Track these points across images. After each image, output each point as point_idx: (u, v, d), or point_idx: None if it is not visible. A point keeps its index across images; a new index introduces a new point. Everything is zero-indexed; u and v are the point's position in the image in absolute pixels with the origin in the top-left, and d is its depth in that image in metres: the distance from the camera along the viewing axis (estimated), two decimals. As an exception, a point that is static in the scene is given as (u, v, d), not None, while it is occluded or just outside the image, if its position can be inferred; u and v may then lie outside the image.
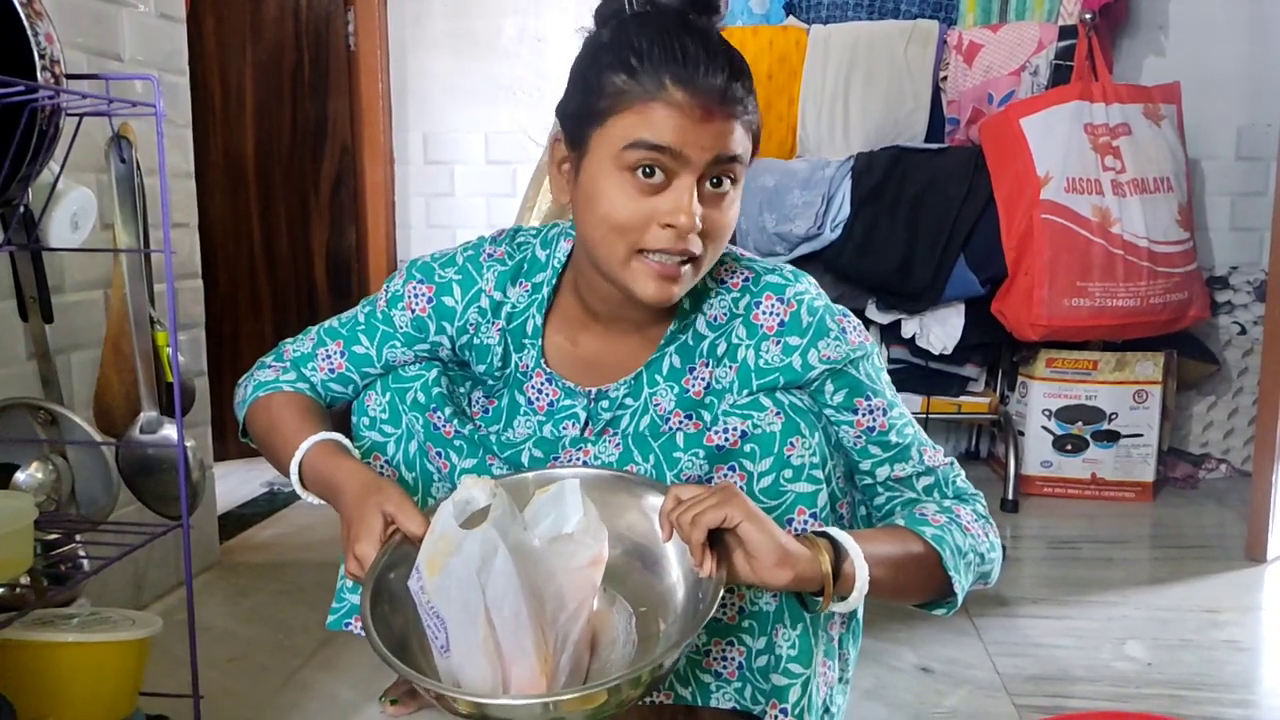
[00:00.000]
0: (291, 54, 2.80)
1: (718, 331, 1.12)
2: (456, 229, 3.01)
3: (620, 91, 0.97)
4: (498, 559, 0.87)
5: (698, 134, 0.95)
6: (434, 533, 0.91)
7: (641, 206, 0.97)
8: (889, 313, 2.53)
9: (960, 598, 1.08)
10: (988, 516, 1.13)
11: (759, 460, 1.06)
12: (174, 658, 1.28)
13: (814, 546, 0.96)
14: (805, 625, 1.09)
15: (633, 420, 1.15)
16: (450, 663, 0.91)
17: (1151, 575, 1.97)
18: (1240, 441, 2.75)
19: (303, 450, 1.12)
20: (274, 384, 1.21)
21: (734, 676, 1.11)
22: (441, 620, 0.89)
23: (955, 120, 2.62)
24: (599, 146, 0.99)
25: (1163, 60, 2.68)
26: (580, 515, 0.94)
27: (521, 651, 0.89)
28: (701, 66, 0.95)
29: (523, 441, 1.17)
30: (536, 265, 1.17)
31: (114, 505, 1.30)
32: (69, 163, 1.17)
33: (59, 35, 1.06)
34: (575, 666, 0.94)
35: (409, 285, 1.18)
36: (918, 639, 1.62)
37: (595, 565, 0.93)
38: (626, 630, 0.99)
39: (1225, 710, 1.39)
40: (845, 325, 1.10)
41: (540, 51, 2.91)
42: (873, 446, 1.11)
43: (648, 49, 0.96)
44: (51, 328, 1.34)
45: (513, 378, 1.19)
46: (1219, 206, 2.71)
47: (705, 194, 0.99)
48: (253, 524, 2.24)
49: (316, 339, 1.24)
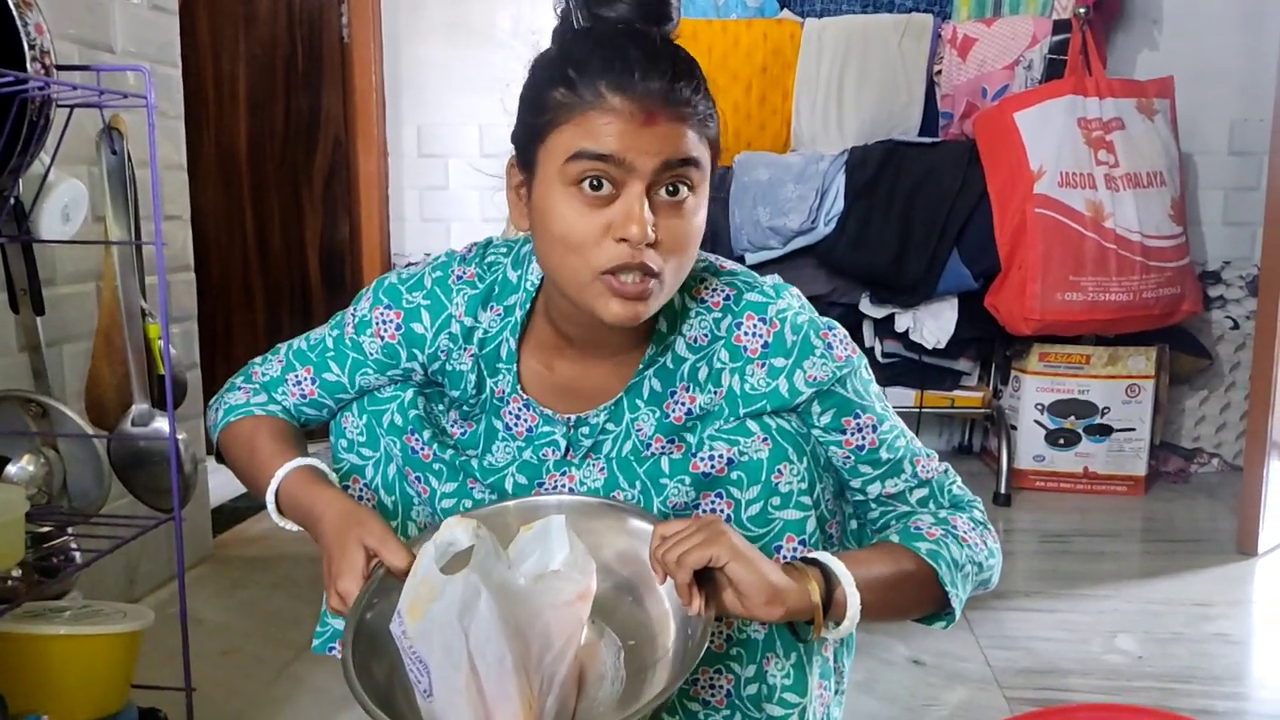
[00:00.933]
0: (285, 46, 2.79)
1: (698, 354, 1.08)
2: (450, 222, 3.01)
3: (560, 105, 0.94)
4: (480, 603, 0.85)
5: (641, 139, 0.91)
6: (415, 576, 0.89)
7: (593, 222, 0.93)
8: (883, 307, 2.53)
9: (958, 611, 1.05)
10: (985, 522, 1.11)
11: (746, 488, 1.03)
12: (166, 650, 1.28)
13: (803, 577, 0.94)
14: (799, 654, 1.06)
15: (615, 445, 1.11)
16: (433, 707, 0.89)
17: (1143, 569, 1.98)
18: (1232, 436, 2.76)
19: (279, 477, 1.07)
20: (244, 408, 1.17)
21: (722, 704, 1.08)
22: (424, 665, 0.88)
23: (949, 114, 2.62)
24: (545, 164, 0.96)
25: (1156, 54, 2.68)
26: (566, 551, 0.92)
27: (505, 698, 0.88)
28: (638, 70, 0.91)
29: (505, 466, 1.14)
30: (508, 288, 1.12)
31: (106, 498, 1.29)
32: (60, 154, 1.17)
33: (49, 26, 1.05)
34: (561, 708, 0.92)
35: (376, 311, 1.13)
36: (909, 632, 1.62)
37: (582, 600, 0.91)
38: (615, 666, 0.97)
39: (1215, 703, 1.40)
40: (830, 339, 1.06)
41: (535, 43, 2.87)
42: (863, 465, 1.09)
43: (585, 59, 0.93)
44: (43, 320, 1.34)
45: (489, 403, 1.15)
46: (1212, 201, 2.72)
47: (660, 203, 0.94)
48: (246, 518, 2.24)
49: (285, 363, 1.19)
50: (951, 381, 2.61)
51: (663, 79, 0.92)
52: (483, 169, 2.98)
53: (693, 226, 0.97)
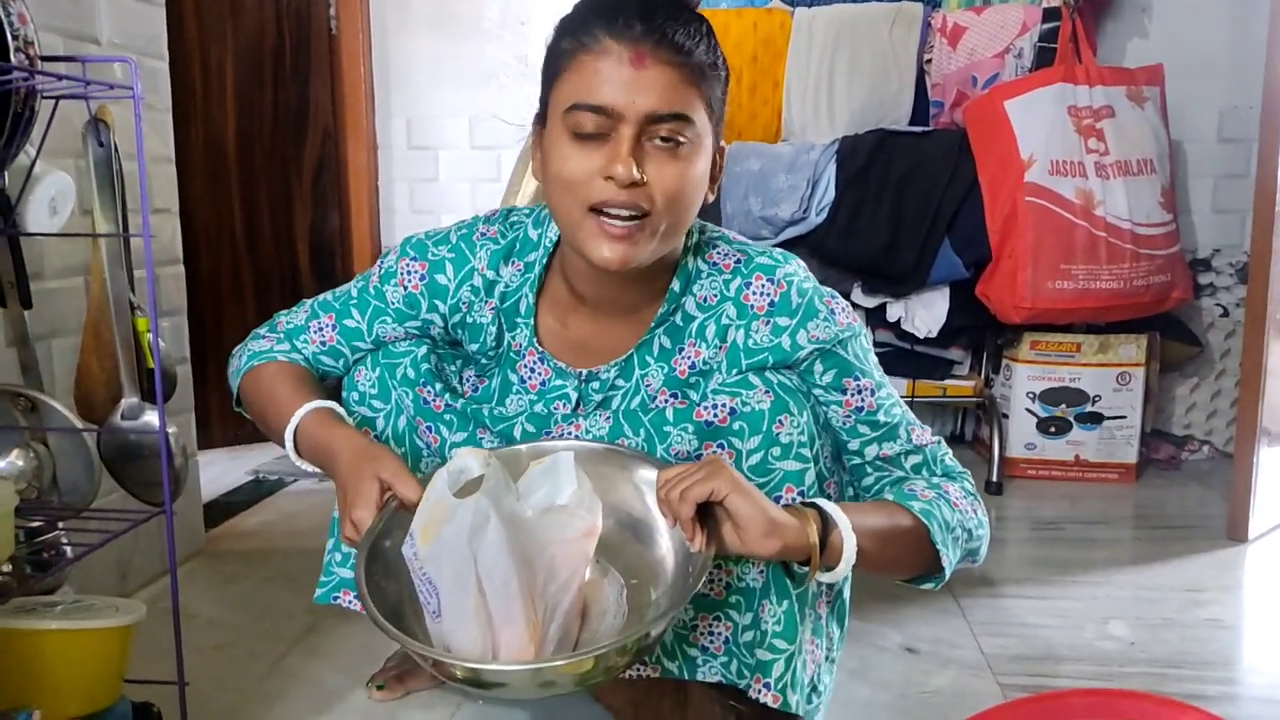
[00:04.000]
0: (272, 38, 2.78)
1: (707, 313, 1.13)
2: (441, 214, 3.00)
3: (563, 53, 1.01)
4: (490, 528, 0.89)
5: (631, 82, 0.96)
6: (428, 501, 0.93)
7: (586, 162, 0.99)
8: (874, 296, 2.53)
9: (948, 572, 1.08)
10: (975, 494, 1.15)
11: (747, 438, 1.07)
12: (159, 645, 1.28)
13: (802, 517, 0.98)
14: (791, 601, 1.09)
15: (624, 400, 1.16)
16: (442, 628, 0.93)
17: (1134, 555, 1.98)
18: (1222, 423, 2.77)
19: (298, 418, 1.12)
20: (268, 354, 1.22)
21: (720, 651, 1.12)
22: (434, 586, 0.91)
23: (940, 103, 2.62)
24: (553, 113, 1.03)
25: (1146, 42, 2.69)
26: (574, 488, 0.95)
27: (511, 619, 0.91)
28: (635, 14, 0.97)
29: (515, 416, 1.18)
30: (529, 244, 1.17)
31: (96, 492, 1.28)
32: (46, 147, 1.16)
33: (33, 17, 1.04)
34: (564, 635, 0.96)
35: (402, 262, 1.19)
36: (902, 619, 1.63)
37: (588, 537, 0.95)
38: (617, 601, 1.01)
39: (1207, 688, 1.41)
40: (834, 306, 1.11)
41: (523, 34, 2.89)
42: (861, 425, 1.12)
43: (591, 9, 1.00)
44: (31, 314, 1.33)
45: (505, 356, 1.19)
46: (1201, 189, 2.72)
47: (652, 149, 0.99)
48: (238, 511, 2.23)
49: (310, 311, 1.25)
50: (943, 370, 2.61)
51: (652, 22, 0.97)
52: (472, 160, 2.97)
53: (688, 172, 1.01)
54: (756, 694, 1.09)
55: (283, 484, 2.43)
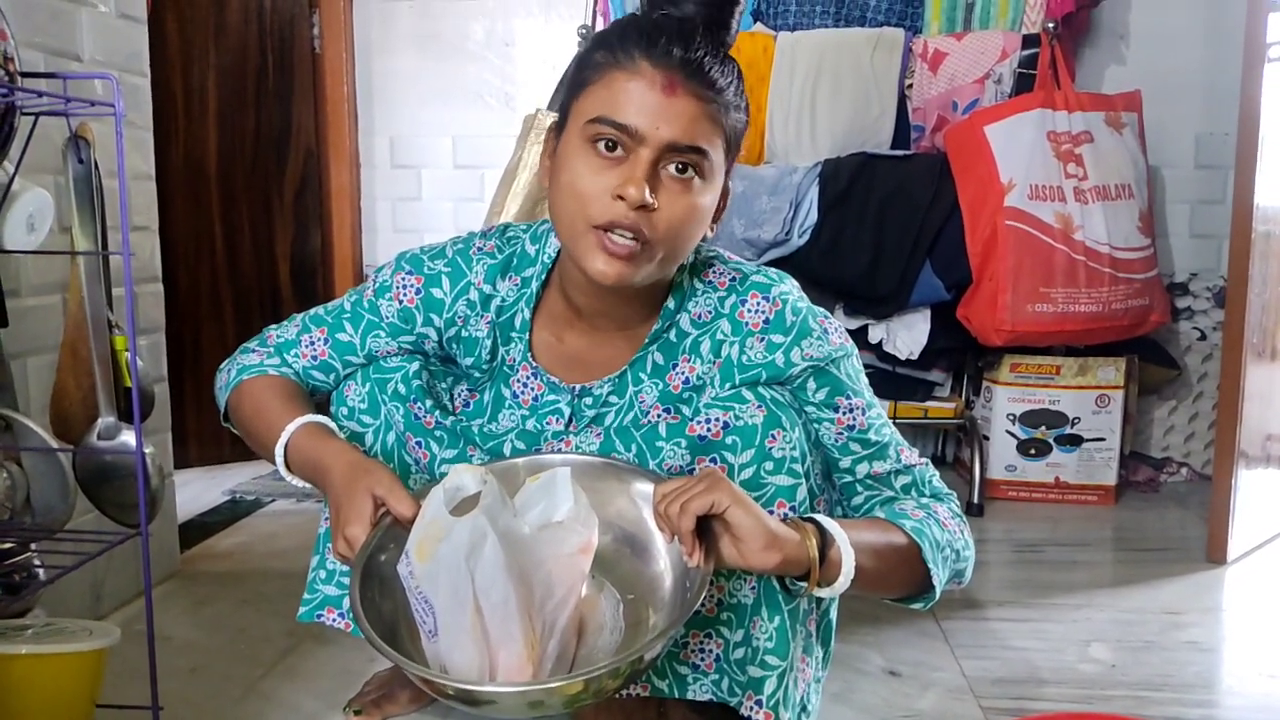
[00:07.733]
0: (255, 56, 2.77)
1: (702, 329, 1.13)
2: (424, 233, 2.99)
3: (596, 65, 1.01)
4: (487, 546, 0.88)
5: (659, 108, 0.97)
6: (424, 518, 0.92)
7: (600, 179, 0.99)
8: (856, 318, 2.54)
9: (939, 591, 1.09)
10: (962, 516, 1.16)
11: (740, 452, 1.07)
12: (133, 668, 1.26)
13: (801, 530, 0.98)
14: (783, 617, 1.09)
15: (617, 417, 1.16)
16: (438, 647, 0.92)
17: (1115, 577, 1.99)
18: (1201, 445, 2.79)
19: (288, 432, 1.11)
20: (258, 368, 1.21)
21: (711, 669, 1.11)
22: (430, 605, 0.90)
23: (920, 127, 2.64)
24: (573, 120, 1.02)
25: (1124, 69, 2.72)
26: (570, 503, 0.95)
27: (509, 637, 0.91)
28: (673, 41, 0.98)
29: (505, 433, 1.18)
30: (526, 260, 1.17)
31: (71, 513, 1.27)
32: (25, 163, 1.15)
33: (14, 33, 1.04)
34: (562, 653, 0.95)
35: (397, 276, 1.18)
36: (884, 642, 1.62)
37: (584, 552, 0.94)
38: (614, 617, 1.01)
39: (1187, 710, 1.41)
40: (827, 326, 1.13)
41: (508, 55, 2.90)
42: (853, 444, 1.13)
43: (630, 28, 1.01)
44: (7, 332, 1.31)
45: (499, 371, 1.19)
46: (1179, 214, 2.75)
47: (666, 177, 1.00)
48: (214, 533, 2.20)
49: (301, 325, 1.23)
50: (924, 392, 2.62)
51: (691, 52, 0.98)
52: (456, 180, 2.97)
53: (696, 205, 1.02)
54: (748, 711, 1.08)
55: (260, 504, 2.40)
